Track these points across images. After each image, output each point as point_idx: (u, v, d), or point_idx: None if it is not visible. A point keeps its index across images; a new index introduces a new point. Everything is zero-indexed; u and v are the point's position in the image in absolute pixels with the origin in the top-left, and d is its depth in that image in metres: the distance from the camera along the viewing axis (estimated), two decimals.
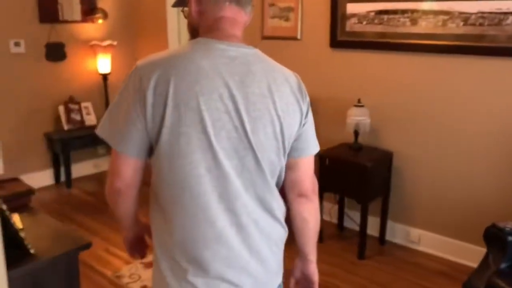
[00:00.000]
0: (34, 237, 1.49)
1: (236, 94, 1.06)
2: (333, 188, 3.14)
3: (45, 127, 4.25)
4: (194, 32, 1.17)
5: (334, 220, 3.51)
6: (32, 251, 1.41)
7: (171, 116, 1.03)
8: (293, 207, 1.23)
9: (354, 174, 2.95)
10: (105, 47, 4.37)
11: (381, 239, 3.26)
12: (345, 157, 3.04)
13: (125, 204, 1.17)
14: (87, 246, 1.55)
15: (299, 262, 1.34)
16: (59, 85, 4.29)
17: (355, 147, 3.13)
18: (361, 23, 3.18)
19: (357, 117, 3.06)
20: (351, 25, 3.23)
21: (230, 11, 1.12)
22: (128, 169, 1.10)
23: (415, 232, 3.17)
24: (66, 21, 4.24)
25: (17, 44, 3.92)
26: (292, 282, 1.37)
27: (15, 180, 1.81)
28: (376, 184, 3.06)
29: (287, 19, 3.59)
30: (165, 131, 1.03)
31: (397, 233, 3.27)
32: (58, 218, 1.55)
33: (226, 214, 1.10)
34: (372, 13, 3.11)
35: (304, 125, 1.17)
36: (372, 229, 3.27)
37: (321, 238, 3.24)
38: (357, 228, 3.16)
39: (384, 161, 3.12)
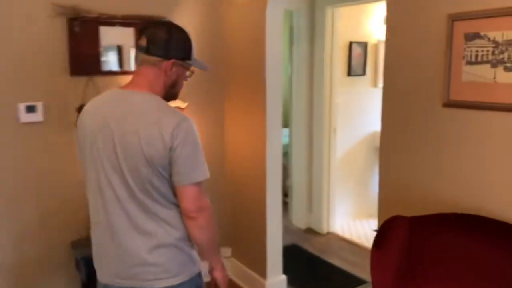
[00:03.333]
0: None
1: (114, 128, 1.45)
2: None
3: (71, 234, 2.72)
4: None
5: None
6: None
7: (82, 142, 1.53)
8: (186, 226, 1.50)
9: None
10: None
11: None
12: None
13: None
14: None
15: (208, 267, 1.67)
16: None
17: None
18: None
19: None
20: None
21: (136, 68, 1.56)
22: None
23: None
24: (113, 73, 2.77)
25: (30, 110, 2.51)
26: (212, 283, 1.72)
27: None
28: None
29: (511, 68, 1.61)
30: (81, 153, 1.55)
31: None
32: None
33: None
34: None
35: (171, 158, 1.42)
36: None
37: None
38: None
39: None
